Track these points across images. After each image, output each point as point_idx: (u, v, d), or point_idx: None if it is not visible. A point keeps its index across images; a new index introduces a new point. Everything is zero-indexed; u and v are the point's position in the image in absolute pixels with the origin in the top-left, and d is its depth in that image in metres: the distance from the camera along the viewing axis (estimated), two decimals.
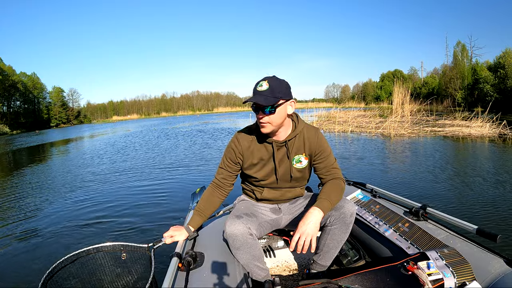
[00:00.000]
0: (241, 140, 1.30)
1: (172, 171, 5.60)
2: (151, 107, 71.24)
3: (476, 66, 28.04)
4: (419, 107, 15.09)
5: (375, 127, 11.26)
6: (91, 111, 66.11)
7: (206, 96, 75.17)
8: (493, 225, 2.63)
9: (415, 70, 46.94)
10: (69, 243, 2.66)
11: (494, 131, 9.15)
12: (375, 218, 1.53)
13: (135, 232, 2.84)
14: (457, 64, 29.59)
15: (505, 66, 23.51)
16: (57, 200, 4.14)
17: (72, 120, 54.03)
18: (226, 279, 1.08)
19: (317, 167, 1.32)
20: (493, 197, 3.33)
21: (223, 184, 1.36)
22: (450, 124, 11.18)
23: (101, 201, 3.92)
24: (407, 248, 1.26)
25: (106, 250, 1.25)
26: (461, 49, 29.97)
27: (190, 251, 1.16)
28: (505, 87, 23.07)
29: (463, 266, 1.07)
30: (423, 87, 38.51)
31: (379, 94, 46.25)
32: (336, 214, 1.21)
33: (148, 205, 3.61)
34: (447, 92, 29.68)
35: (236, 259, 1.20)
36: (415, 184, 3.98)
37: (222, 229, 1.41)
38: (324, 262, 1.31)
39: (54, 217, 3.42)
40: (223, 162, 1.35)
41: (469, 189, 3.67)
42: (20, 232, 3.06)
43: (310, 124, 1.35)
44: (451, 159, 5.82)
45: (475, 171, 4.61)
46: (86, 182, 5.16)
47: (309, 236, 1.06)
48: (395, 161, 5.75)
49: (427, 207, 1.43)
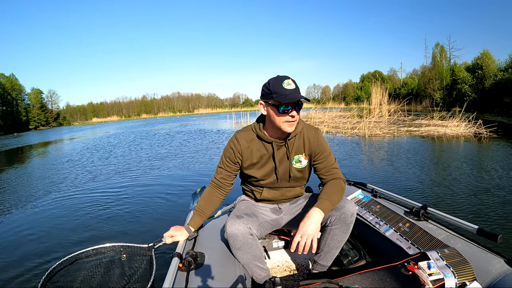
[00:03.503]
0: (240, 139, 1.30)
1: (172, 171, 5.59)
2: (131, 108, 70.13)
3: (455, 67, 28.76)
4: (397, 108, 15.28)
5: (351, 127, 11.29)
6: (70, 113, 64.09)
7: (187, 97, 74.39)
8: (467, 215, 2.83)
9: (394, 71, 47.75)
10: (69, 244, 2.65)
11: (470, 131, 9.28)
12: (376, 218, 1.53)
13: (135, 232, 2.83)
14: (436, 65, 30.22)
15: (483, 67, 24.19)
16: (56, 200, 4.13)
17: (51, 122, 52.12)
18: (227, 279, 1.07)
19: (317, 167, 1.32)
20: (450, 187, 3.69)
21: (223, 184, 1.35)
22: (426, 124, 11.36)
23: (100, 202, 3.91)
24: (408, 248, 1.26)
25: (105, 251, 1.25)
26: (440, 50, 30.66)
27: (190, 251, 1.16)
28: (483, 88, 23.73)
29: (463, 266, 1.07)
30: (402, 87, 39.07)
31: (359, 94, 46.53)
32: (337, 214, 1.21)
33: (148, 205, 3.60)
34: (426, 92, 30.33)
35: (237, 259, 1.20)
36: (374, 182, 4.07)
37: (222, 229, 1.41)
38: (324, 262, 1.31)
39: (54, 217, 3.41)
40: (222, 162, 1.34)
41: (429, 183, 3.98)
42: (19, 233, 3.05)
43: (309, 124, 1.35)
44: (420, 156, 5.96)
45: (437, 166, 4.93)
46: (83, 183, 5.15)
47: (310, 236, 1.06)
48: (364, 160, 5.90)
49: (427, 207, 1.43)
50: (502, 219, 2.70)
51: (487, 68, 23.91)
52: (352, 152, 6.82)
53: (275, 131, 1.25)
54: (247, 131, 1.32)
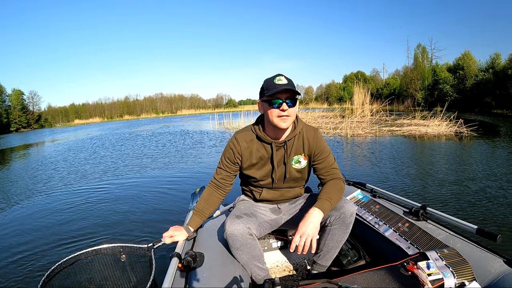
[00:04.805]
0: (240, 140, 1.30)
1: (171, 171, 5.59)
2: (114, 110, 69.58)
3: (436, 68, 29.36)
4: (380, 108, 15.38)
5: (334, 127, 11.34)
6: (52, 114, 62.87)
7: (170, 98, 74.20)
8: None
9: (377, 72, 48.42)
10: (69, 245, 2.65)
11: (451, 130, 9.38)
12: (375, 218, 1.53)
13: (134, 232, 2.83)
14: (418, 65, 30.79)
15: (464, 67, 24.90)
16: (54, 201, 4.13)
17: (32, 124, 50.77)
18: (226, 279, 1.07)
19: (316, 167, 1.32)
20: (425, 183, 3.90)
21: (222, 184, 1.35)
22: (408, 124, 11.51)
23: (100, 202, 3.91)
24: (407, 248, 1.26)
25: (105, 252, 1.25)
26: (422, 51, 31.27)
27: (189, 251, 1.16)
28: (464, 87, 24.49)
29: (463, 266, 1.07)
30: (384, 88, 39.61)
31: (342, 95, 47.08)
32: (336, 214, 1.21)
33: (147, 206, 3.60)
34: (408, 92, 30.95)
35: (236, 259, 1.20)
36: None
37: (221, 229, 1.41)
38: (324, 262, 1.31)
39: (53, 218, 3.41)
40: (222, 162, 1.34)
41: (406, 179, 4.18)
42: (17, 233, 3.04)
43: (309, 124, 1.35)
44: (402, 155, 6.11)
45: (418, 163, 5.14)
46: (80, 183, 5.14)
47: (309, 236, 1.06)
48: (346, 158, 6.01)
49: (427, 207, 1.43)
50: (471, 207, 3.00)
51: (468, 69, 24.65)
52: (334, 151, 6.90)
53: (272, 130, 1.25)
54: (247, 131, 1.32)
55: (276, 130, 1.24)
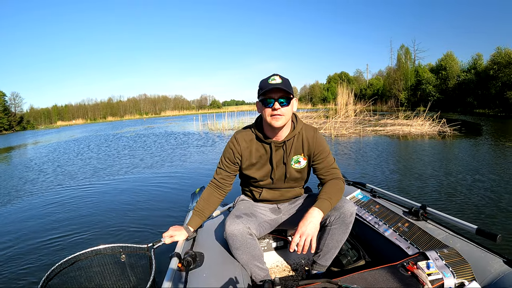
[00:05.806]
0: (240, 140, 1.30)
1: (171, 171, 5.59)
2: (97, 111, 68.49)
3: (419, 68, 29.77)
4: (363, 108, 15.46)
5: (318, 128, 11.30)
6: (34, 116, 61.43)
7: (154, 100, 73.45)
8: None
9: (360, 72, 48.41)
10: (68, 245, 2.65)
11: (434, 129, 9.45)
12: (375, 218, 1.53)
13: (134, 232, 2.83)
14: (401, 66, 31.03)
15: (446, 68, 25.26)
16: (53, 201, 4.13)
17: (14, 126, 49.10)
18: (226, 279, 1.07)
19: (316, 167, 1.32)
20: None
21: (222, 184, 1.35)
22: (391, 124, 11.60)
23: (100, 202, 3.91)
24: (407, 248, 1.26)
25: (105, 252, 1.25)
26: (405, 52, 31.48)
27: (189, 251, 1.16)
28: (447, 88, 24.86)
29: (462, 266, 1.07)
30: (368, 88, 39.75)
31: (325, 95, 46.85)
32: (336, 214, 1.21)
33: (147, 205, 3.60)
34: (391, 93, 31.19)
35: (236, 259, 1.20)
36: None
37: (221, 229, 1.41)
38: (324, 262, 1.31)
39: (52, 219, 3.41)
40: (222, 162, 1.34)
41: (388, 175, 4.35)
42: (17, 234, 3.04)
43: (308, 124, 1.35)
44: (385, 153, 6.23)
45: (401, 161, 5.30)
46: (80, 183, 5.14)
47: (309, 236, 1.06)
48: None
49: (426, 207, 1.43)
50: (446, 196, 3.26)
51: (450, 69, 25.02)
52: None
53: (269, 129, 1.25)
54: (247, 131, 1.32)
55: (272, 129, 1.24)
